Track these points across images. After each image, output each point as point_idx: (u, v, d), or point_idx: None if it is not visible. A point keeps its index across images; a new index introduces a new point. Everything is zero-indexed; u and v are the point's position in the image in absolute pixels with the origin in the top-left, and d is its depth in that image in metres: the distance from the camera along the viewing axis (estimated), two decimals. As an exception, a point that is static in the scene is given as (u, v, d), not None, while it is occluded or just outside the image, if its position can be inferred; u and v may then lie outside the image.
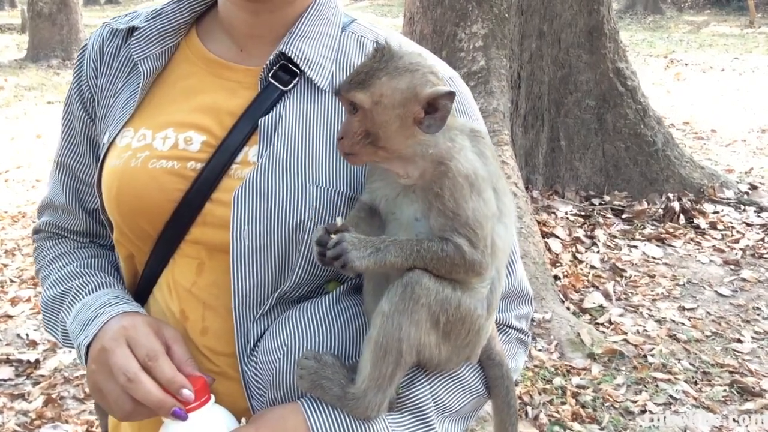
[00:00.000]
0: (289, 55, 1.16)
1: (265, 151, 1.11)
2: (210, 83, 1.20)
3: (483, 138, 1.08)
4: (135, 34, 1.23)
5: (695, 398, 3.60)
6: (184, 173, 1.13)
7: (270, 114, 1.13)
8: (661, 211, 5.82)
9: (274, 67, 1.16)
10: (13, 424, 3.42)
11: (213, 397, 1.07)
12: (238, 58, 1.21)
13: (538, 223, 5.19)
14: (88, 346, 1.13)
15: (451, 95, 0.98)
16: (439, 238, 0.99)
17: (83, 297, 1.22)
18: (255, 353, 1.11)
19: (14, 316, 4.49)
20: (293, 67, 1.16)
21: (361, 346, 1.06)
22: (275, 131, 1.12)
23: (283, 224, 1.09)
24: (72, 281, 1.26)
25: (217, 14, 1.26)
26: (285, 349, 1.06)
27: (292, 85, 1.16)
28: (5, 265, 5.11)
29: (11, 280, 4.91)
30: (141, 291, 1.24)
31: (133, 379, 1.03)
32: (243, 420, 1.12)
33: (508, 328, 1.23)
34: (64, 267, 1.30)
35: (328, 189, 1.11)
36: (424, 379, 1.11)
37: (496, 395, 1.20)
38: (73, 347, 1.21)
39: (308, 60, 1.17)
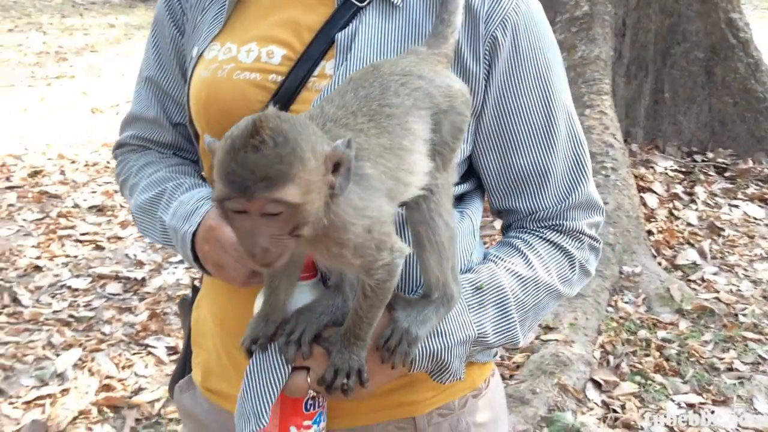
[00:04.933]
0: None
1: (341, 64, 1.16)
2: (290, 0, 1.25)
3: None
4: None
5: (786, 360, 3.52)
6: (265, 85, 1.19)
7: (346, 29, 1.18)
8: (766, 171, 5.58)
9: None
10: (120, 334, 3.72)
11: (319, 275, 1.15)
12: None
13: (636, 177, 5.08)
14: (194, 235, 1.20)
15: (348, 141, 0.91)
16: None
17: (179, 195, 1.28)
18: None
19: (123, 238, 4.81)
20: None
21: None
22: (351, 46, 1.17)
23: None
24: (166, 184, 1.33)
25: None
26: None
27: (367, 1, 1.20)
28: (116, 191, 5.44)
29: (121, 206, 5.24)
30: None
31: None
32: None
33: (581, 235, 1.27)
34: (155, 173, 1.37)
35: None
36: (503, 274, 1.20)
37: None
38: (171, 244, 1.29)
39: None
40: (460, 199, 1.26)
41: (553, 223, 1.25)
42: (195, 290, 1.46)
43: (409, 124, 1.03)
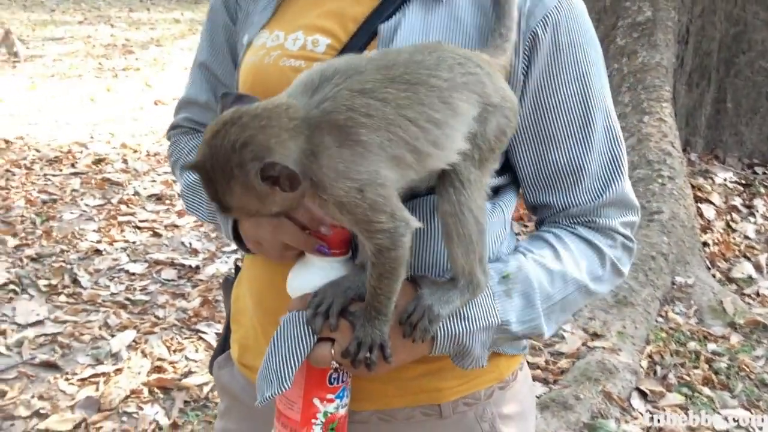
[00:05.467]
0: None
1: None
2: None
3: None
4: None
5: (842, 380, 3.42)
6: None
7: (389, 21, 1.21)
8: (831, 187, 5.41)
9: None
10: (173, 319, 3.84)
11: (351, 253, 1.17)
12: None
13: (693, 187, 4.99)
14: None
15: (271, 166, 0.95)
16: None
17: None
18: None
19: (180, 227, 4.96)
20: None
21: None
22: (393, 38, 1.20)
23: None
24: None
25: None
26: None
27: None
28: (174, 181, 5.59)
29: (179, 195, 5.38)
30: None
31: (278, 225, 1.15)
32: None
33: (614, 233, 1.27)
34: None
35: None
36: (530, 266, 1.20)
37: None
38: (215, 221, 1.35)
39: None
40: (494, 193, 1.27)
41: (586, 219, 1.26)
42: (237, 270, 1.52)
43: (453, 99, 1.05)
